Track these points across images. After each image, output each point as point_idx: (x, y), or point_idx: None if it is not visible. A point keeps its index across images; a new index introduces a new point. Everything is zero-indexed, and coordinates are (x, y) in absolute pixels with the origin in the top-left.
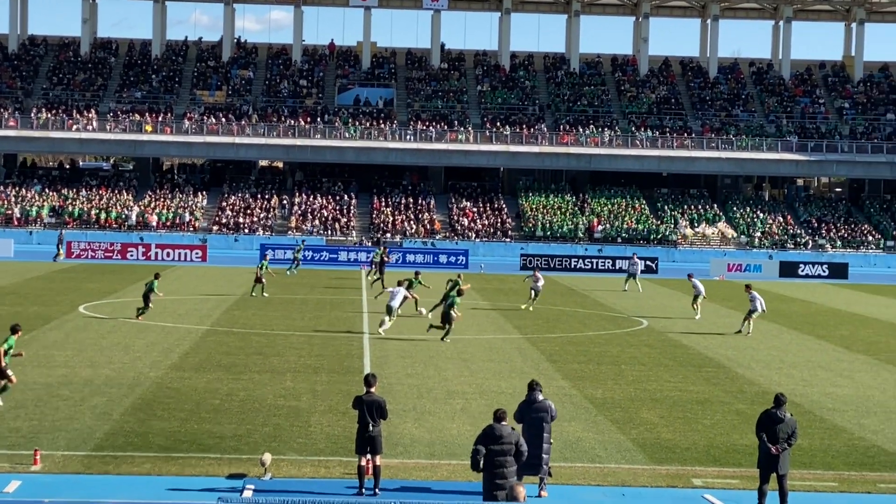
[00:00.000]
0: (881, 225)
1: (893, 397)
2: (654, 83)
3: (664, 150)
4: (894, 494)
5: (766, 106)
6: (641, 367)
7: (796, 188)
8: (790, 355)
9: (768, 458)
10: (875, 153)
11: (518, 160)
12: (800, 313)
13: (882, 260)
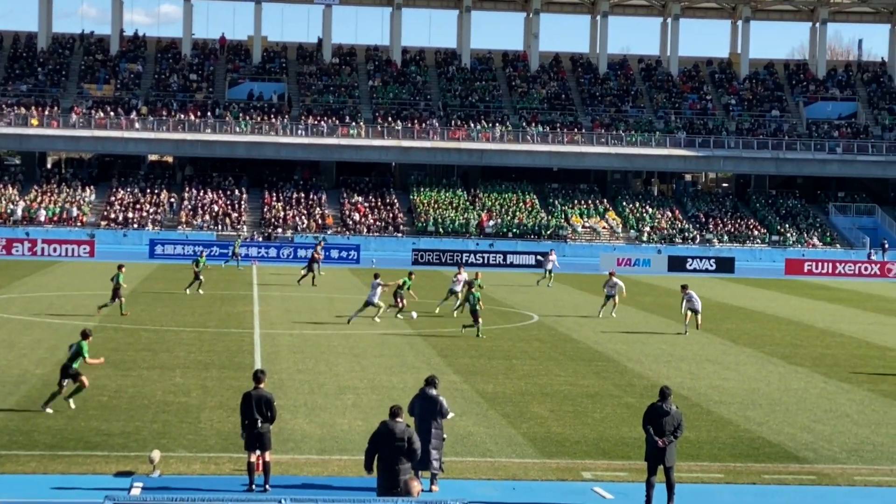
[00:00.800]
0: (766, 220)
1: (778, 389)
2: (544, 79)
3: (555, 145)
4: (779, 485)
5: (654, 102)
6: (532, 362)
7: (684, 183)
8: (678, 349)
9: (655, 450)
10: (761, 149)
11: (410, 155)
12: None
13: (767, 254)
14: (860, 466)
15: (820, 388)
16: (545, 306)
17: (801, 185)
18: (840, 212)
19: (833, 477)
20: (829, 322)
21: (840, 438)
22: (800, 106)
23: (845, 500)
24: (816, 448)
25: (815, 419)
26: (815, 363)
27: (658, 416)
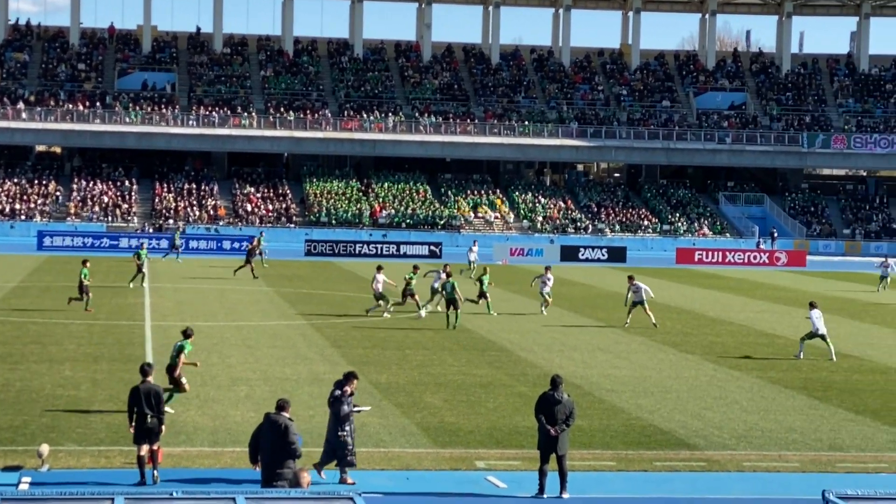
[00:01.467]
0: (657, 209)
1: (669, 377)
2: (437, 69)
3: (447, 135)
4: (670, 472)
5: (547, 92)
6: (425, 352)
7: (576, 173)
8: (571, 338)
9: (547, 439)
10: (651, 139)
11: (302, 146)
12: (580, 297)
13: (658, 244)
14: (749, 452)
15: (710, 375)
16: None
17: (691, 174)
18: (730, 201)
19: (723, 463)
20: (718, 310)
21: (730, 425)
22: (690, 96)
23: (735, 485)
24: (707, 435)
25: (705, 406)
26: (705, 351)
27: (550, 405)
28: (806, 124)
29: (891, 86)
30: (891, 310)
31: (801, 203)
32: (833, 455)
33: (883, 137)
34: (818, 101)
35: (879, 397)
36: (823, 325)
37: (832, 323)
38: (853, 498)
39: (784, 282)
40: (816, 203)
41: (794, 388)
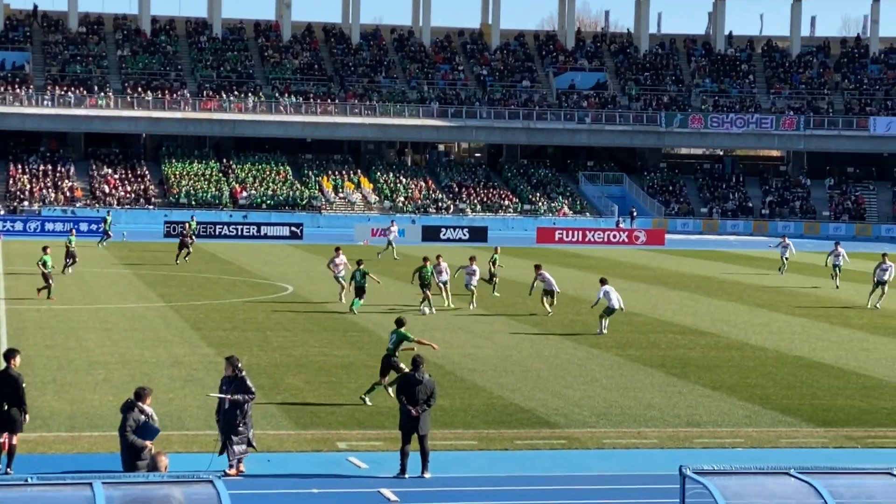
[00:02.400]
0: (518, 189)
1: (530, 357)
2: (297, 49)
3: (308, 115)
4: (531, 450)
5: (407, 72)
6: (287, 333)
7: (438, 153)
8: (432, 318)
9: (409, 419)
10: (512, 119)
11: (161, 126)
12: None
13: (519, 223)
14: (609, 430)
15: (570, 354)
16: (300, 278)
17: (551, 154)
18: (589, 181)
19: (583, 441)
20: (578, 289)
21: (590, 403)
22: (550, 76)
23: (595, 463)
24: (567, 413)
25: (565, 385)
26: (565, 330)
27: (411, 386)
28: (664, 104)
29: (746, 66)
30: (789, 293)
31: (660, 182)
32: (690, 431)
33: (739, 117)
34: (676, 81)
35: (735, 373)
36: (618, 298)
37: (689, 301)
38: (710, 473)
39: (643, 260)
40: (674, 182)
41: (652, 365)
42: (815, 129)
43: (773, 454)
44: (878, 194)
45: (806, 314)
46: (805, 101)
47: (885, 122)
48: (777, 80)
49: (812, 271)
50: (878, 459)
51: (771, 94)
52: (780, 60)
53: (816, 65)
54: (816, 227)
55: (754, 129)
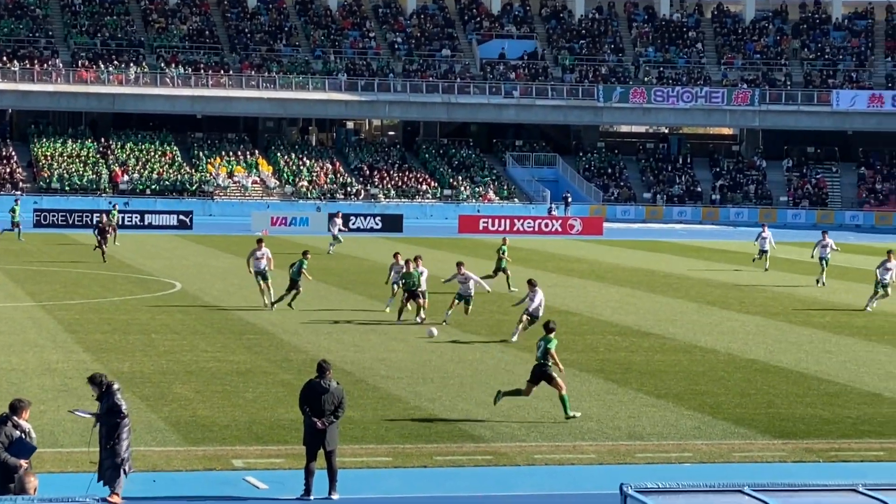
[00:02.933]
0: (437, 172)
1: (451, 361)
2: (185, 13)
3: (198, 88)
4: (453, 467)
5: (311, 40)
6: (174, 336)
7: (346, 132)
8: (341, 318)
9: (314, 432)
10: (430, 93)
11: (29, 100)
12: (352, 271)
13: (438, 210)
14: (541, 443)
15: (497, 358)
16: (189, 273)
17: (475, 132)
18: (518, 162)
19: (511, 456)
20: (506, 285)
21: (519, 413)
22: (473, 44)
23: (525, 480)
24: (493, 425)
25: (491, 393)
26: (491, 331)
27: (316, 395)
28: (602, 76)
29: (694, 33)
30: (769, 295)
31: (598, 164)
32: (632, 444)
33: (686, 91)
34: (615, 51)
35: (683, 379)
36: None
37: (631, 298)
38: (654, 491)
39: (579, 252)
40: (614, 164)
41: (590, 370)
42: (772, 103)
43: (724, 469)
44: (842, 177)
45: (761, 311)
46: (760, 73)
47: (849, 95)
48: (729, 48)
49: (786, 266)
50: (841, 475)
51: (722, 64)
52: (733, 27)
53: (773, 31)
54: (773, 213)
55: (703, 104)
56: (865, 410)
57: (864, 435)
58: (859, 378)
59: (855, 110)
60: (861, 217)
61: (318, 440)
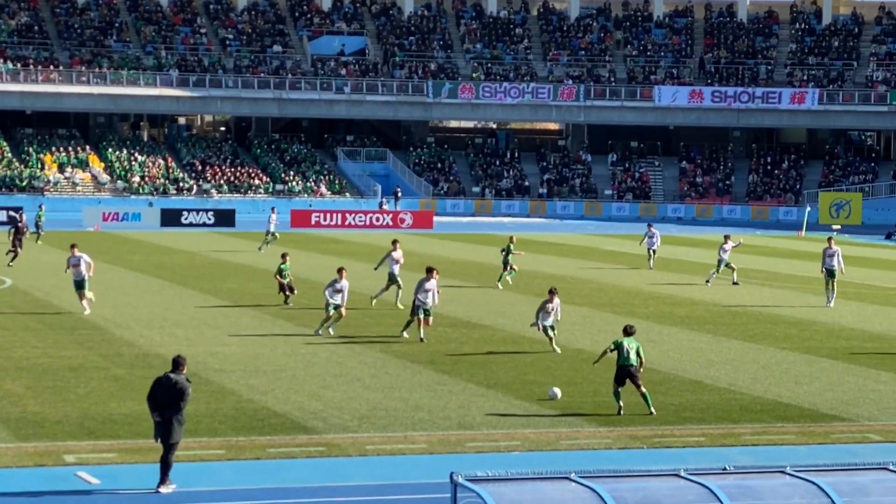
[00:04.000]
0: (269, 167)
1: (284, 354)
2: (13, 8)
3: (27, 84)
4: (286, 459)
5: (142, 35)
6: (5, 332)
7: (178, 127)
8: (174, 312)
9: (156, 425)
10: (262, 89)
11: None
12: (185, 265)
13: (270, 205)
14: (373, 434)
15: (330, 351)
16: (19, 269)
17: (306, 128)
18: (349, 157)
19: (344, 447)
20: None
21: (351, 405)
22: (304, 41)
23: (357, 471)
24: (326, 417)
25: (324, 385)
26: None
27: (160, 389)
28: (431, 72)
29: (521, 30)
30: (595, 286)
31: (427, 159)
32: (462, 434)
33: (513, 87)
34: (444, 47)
35: (512, 370)
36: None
37: (461, 290)
38: (483, 480)
39: (410, 245)
40: (443, 158)
41: (420, 362)
42: (596, 99)
43: (552, 457)
44: (664, 171)
45: (587, 302)
46: (585, 69)
47: (670, 91)
48: (554, 45)
49: (612, 258)
50: (664, 460)
51: (548, 61)
52: (558, 24)
53: (597, 29)
54: (598, 206)
55: (530, 99)
56: (687, 398)
57: (686, 421)
58: (681, 366)
59: (676, 106)
60: (683, 210)
61: (159, 433)
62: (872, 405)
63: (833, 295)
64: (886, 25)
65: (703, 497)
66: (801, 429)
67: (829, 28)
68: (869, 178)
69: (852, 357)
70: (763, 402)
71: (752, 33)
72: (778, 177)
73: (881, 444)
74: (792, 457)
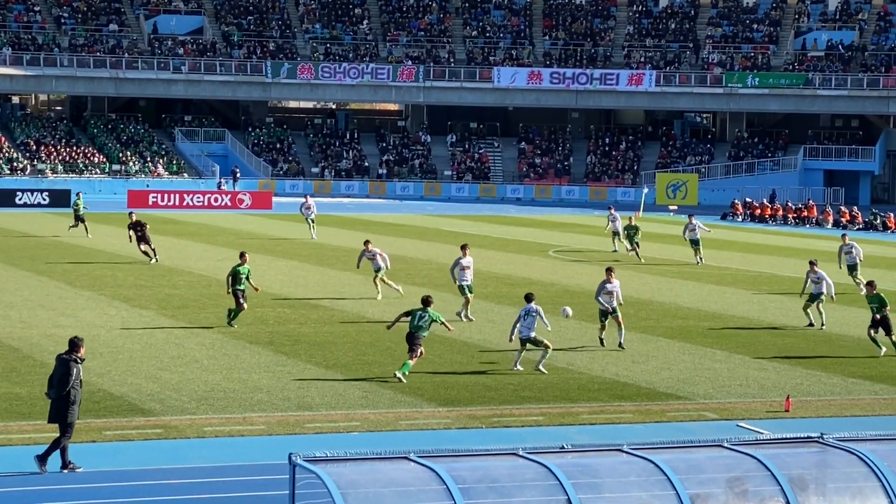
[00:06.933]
0: (106, 147)
1: (121, 336)
2: None
3: None
4: (123, 441)
5: None
6: None
7: (12, 106)
8: (7, 294)
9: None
10: (98, 68)
11: None
12: (17, 247)
13: (107, 185)
14: (211, 416)
15: (167, 332)
16: None
17: (144, 108)
18: (187, 137)
19: (182, 429)
20: (177, 259)
21: (189, 387)
22: (141, 20)
23: (195, 453)
24: (163, 398)
25: (161, 367)
26: (161, 305)
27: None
28: (270, 52)
29: (360, 10)
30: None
31: (266, 139)
32: (302, 415)
33: (353, 67)
34: (283, 27)
35: (350, 350)
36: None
37: (300, 271)
38: (322, 460)
39: (249, 226)
40: (283, 139)
41: (259, 343)
42: (436, 80)
43: (391, 437)
44: (503, 152)
45: (427, 283)
46: (424, 50)
47: (509, 73)
48: (394, 25)
49: (450, 238)
50: (503, 440)
51: (388, 41)
52: (397, 4)
53: (436, 9)
54: (438, 187)
55: (370, 80)
56: (526, 377)
57: (524, 401)
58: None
59: (515, 87)
60: (522, 190)
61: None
62: (708, 383)
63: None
64: (722, 9)
65: (541, 476)
66: (638, 407)
67: (666, 11)
68: (705, 159)
69: (688, 336)
70: (600, 381)
71: (590, 15)
72: (616, 158)
73: (716, 421)
74: (629, 435)
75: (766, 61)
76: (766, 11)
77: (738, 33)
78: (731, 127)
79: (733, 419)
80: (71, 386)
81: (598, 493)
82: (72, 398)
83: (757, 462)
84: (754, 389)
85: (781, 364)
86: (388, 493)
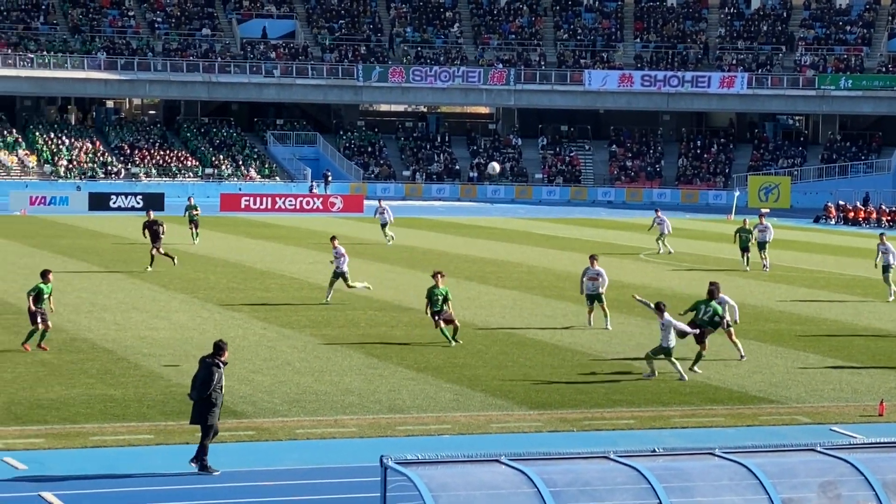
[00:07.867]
0: (199, 151)
1: (213, 337)
2: None
3: None
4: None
5: (70, 18)
6: None
7: (106, 111)
8: (101, 297)
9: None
10: (191, 72)
11: None
12: (112, 250)
13: (200, 189)
14: (303, 418)
15: (259, 334)
16: None
17: (236, 112)
18: (279, 141)
19: (274, 431)
20: (269, 262)
21: (281, 389)
22: (233, 24)
23: (287, 455)
24: (256, 400)
25: (253, 369)
26: (253, 307)
27: (198, 371)
28: (361, 55)
29: (451, 13)
30: (525, 270)
31: (358, 143)
32: (393, 417)
33: (444, 70)
34: (375, 30)
35: (441, 353)
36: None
37: (391, 273)
38: (413, 463)
39: (340, 229)
40: (374, 142)
41: (350, 345)
42: (527, 83)
43: (482, 440)
44: (595, 155)
45: (518, 286)
46: (515, 53)
47: (600, 75)
48: (485, 29)
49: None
50: (594, 443)
51: (478, 44)
52: (488, 7)
53: (527, 13)
54: (529, 191)
55: (461, 83)
56: (617, 380)
57: (615, 404)
58: (611, 349)
59: (606, 90)
60: (613, 193)
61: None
62: (800, 387)
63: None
64: (815, 10)
65: (632, 479)
66: (729, 411)
67: (758, 12)
68: (797, 161)
69: (780, 339)
70: (692, 385)
71: (681, 17)
72: (707, 160)
73: (809, 425)
74: (721, 439)
75: (860, 63)
76: (860, 13)
77: (831, 35)
78: (824, 129)
79: (826, 423)
80: (212, 389)
81: (690, 496)
82: (213, 401)
83: (850, 466)
84: (847, 393)
85: (875, 368)
86: (480, 495)
